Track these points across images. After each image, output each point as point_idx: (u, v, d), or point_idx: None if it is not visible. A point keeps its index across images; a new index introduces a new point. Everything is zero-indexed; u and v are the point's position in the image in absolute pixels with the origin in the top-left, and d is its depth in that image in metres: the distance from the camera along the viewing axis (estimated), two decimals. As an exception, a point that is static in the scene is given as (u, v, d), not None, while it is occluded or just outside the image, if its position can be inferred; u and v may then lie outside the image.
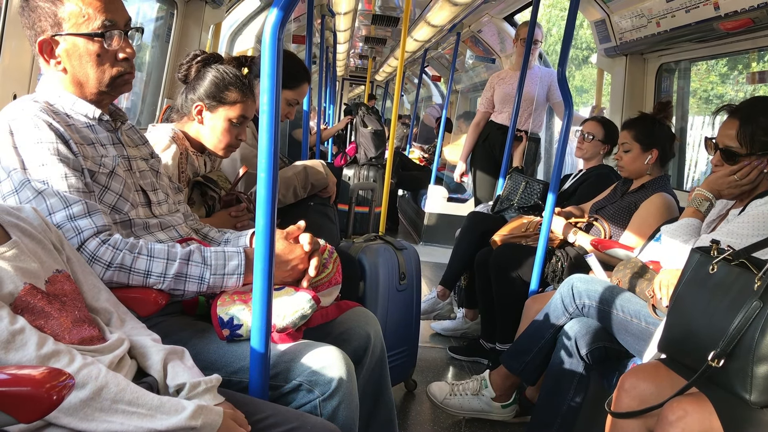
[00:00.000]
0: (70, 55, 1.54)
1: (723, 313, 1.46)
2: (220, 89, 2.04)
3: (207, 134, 2.10)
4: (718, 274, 1.53)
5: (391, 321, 2.58)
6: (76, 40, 1.52)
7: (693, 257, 1.63)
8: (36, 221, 1.28)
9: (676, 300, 1.63)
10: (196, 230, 1.84)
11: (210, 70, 2.07)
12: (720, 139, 2.08)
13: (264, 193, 1.31)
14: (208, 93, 2.05)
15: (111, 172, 1.56)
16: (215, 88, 2.04)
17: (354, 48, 10.98)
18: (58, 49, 1.53)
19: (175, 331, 1.53)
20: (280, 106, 1.37)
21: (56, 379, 0.87)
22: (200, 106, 2.06)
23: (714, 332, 1.46)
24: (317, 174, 2.50)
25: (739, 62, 4.27)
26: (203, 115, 2.07)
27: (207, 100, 2.05)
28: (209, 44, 4.20)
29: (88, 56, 1.54)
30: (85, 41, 1.53)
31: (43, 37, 1.51)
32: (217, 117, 2.07)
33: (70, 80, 1.56)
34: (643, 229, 2.62)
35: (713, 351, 1.44)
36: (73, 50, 1.53)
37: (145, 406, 1.10)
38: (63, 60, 1.54)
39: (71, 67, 1.55)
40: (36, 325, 1.11)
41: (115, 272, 1.44)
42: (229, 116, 2.07)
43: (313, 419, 1.35)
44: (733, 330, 1.42)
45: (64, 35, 1.51)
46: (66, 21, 1.50)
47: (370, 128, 5.86)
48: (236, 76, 2.06)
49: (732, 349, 1.42)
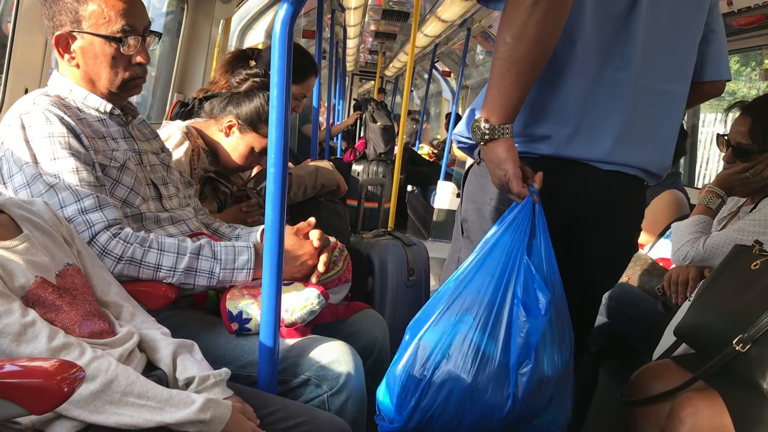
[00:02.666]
0: (85, 53, 1.54)
1: (758, 303, 1.47)
2: (261, 118, 2.06)
3: (227, 149, 2.11)
4: (760, 270, 1.54)
5: (400, 317, 2.58)
6: (93, 39, 1.53)
7: (735, 252, 1.64)
8: (47, 215, 1.29)
9: (708, 287, 1.64)
10: (207, 225, 1.85)
11: (259, 96, 2.07)
12: (732, 136, 2.07)
13: (274, 188, 1.32)
14: (248, 117, 2.06)
15: (122, 165, 1.56)
16: (256, 115, 2.06)
17: (364, 43, 10.98)
18: (74, 44, 1.53)
19: (184, 324, 1.54)
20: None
21: (67, 372, 0.88)
22: (234, 123, 2.07)
23: (744, 320, 1.47)
24: (328, 174, 2.51)
25: (752, 59, 4.24)
26: (232, 131, 2.08)
27: (243, 123, 2.07)
28: (219, 39, 4.21)
29: (103, 57, 1.55)
30: (102, 42, 1.53)
31: (60, 31, 1.52)
32: (245, 140, 2.09)
33: (81, 76, 1.57)
34: (654, 226, 2.61)
35: (740, 335, 1.44)
36: (88, 48, 1.54)
37: (155, 399, 1.10)
38: (77, 56, 1.54)
39: (84, 64, 1.55)
40: (47, 318, 1.12)
41: (126, 266, 1.45)
42: (255, 145, 2.09)
43: (321, 413, 1.36)
44: (766, 318, 1.43)
45: (82, 32, 1.52)
46: (86, 19, 1.51)
47: (379, 124, 5.86)
48: None
49: (760, 336, 1.43)
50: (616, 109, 1.48)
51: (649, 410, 1.61)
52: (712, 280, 1.65)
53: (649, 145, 1.56)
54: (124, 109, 1.66)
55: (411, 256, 2.66)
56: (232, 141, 2.10)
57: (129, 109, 1.68)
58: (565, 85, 1.46)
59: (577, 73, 1.46)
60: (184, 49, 3.80)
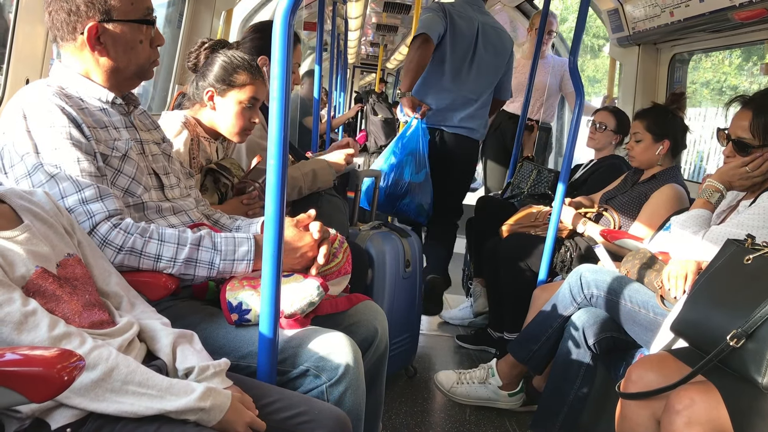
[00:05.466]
0: (116, 42, 1.54)
1: (751, 297, 1.48)
2: (229, 73, 2.05)
3: (220, 120, 2.10)
4: (753, 265, 1.55)
5: (397, 309, 2.59)
6: (124, 27, 1.53)
7: (729, 247, 1.65)
8: (48, 205, 1.30)
9: (702, 283, 1.64)
10: (208, 216, 1.85)
11: (218, 56, 2.08)
12: (733, 130, 2.07)
13: (274, 180, 1.32)
14: (218, 78, 2.05)
15: (124, 155, 1.57)
16: (224, 72, 2.05)
17: (365, 35, 10.94)
18: (103, 36, 1.52)
19: (184, 315, 1.54)
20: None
21: (67, 360, 0.89)
22: (211, 91, 2.07)
23: (738, 314, 1.48)
24: (326, 176, 2.50)
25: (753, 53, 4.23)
26: (215, 101, 2.08)
27: (217, 85, 2.06)
28: (221, 30, 4.20)
29: (134, 43, 1.55)
30: (132, 28, 1.54)
31: (91, 23, 1.50)
32: (229, 101, 2.07)
33: (107, 66, 1.56)
34: (653, 220, 2.62)
35: (734, 330, 1.45)
36: (120, 37, 1.53)
37: (155, 388, 1.11)
38: (108, 47, 1.54)
39: (115, 53, 1.55)
40: (47, 308, 1.13)
41: (126, 256, 1.45)
42: (240, 99, 2.07)
43: (320, 404, 1.36)
44: (759, 312, 1.43)
45: (114, 21, 1.52)
46: (115, 9, 1.51)
47: (380, 116, 5.86)
48: (244, 59, 2.07)
49: (754, 330, 1.44)
50: (459, 101, 3.43)
51: (646, 402, 1.62)
52: (706, 276, 1.65)
53: (471, 121, 3.48)
54: (125, 99, 1.66)
55: (407, 248, 2.66)
56: (220, 108, 2.09)
57: (131, 99, 1.69)
58: (440, 82, 3.41)
59: (445, 78, 3.40)
60: (186, 40, 3.80)
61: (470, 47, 3.37)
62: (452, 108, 3.45)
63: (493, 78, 3.53)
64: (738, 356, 1.46)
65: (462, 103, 3.46)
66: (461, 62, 3.39)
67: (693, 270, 1.92)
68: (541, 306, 2.47)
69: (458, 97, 3.44)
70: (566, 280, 2.34)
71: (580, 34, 2.71)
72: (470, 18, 3.39)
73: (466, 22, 3.38)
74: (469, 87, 3.45)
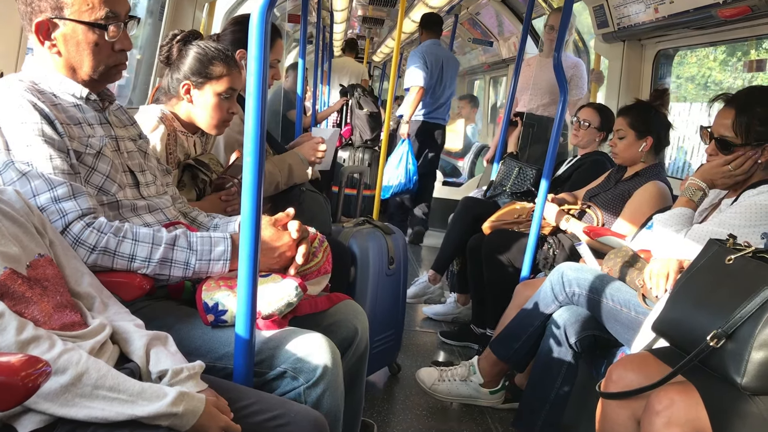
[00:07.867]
0: (67, 40, 1.50)
1: (732, 298, 1.47)
2: (205, 65, 2.01)
3: (198, 113, 2.06)
4: (734, 265, 1.55)
5: (380, 306, 2.58)
6: (75, 27, 1.49)
7: (711, 247, 1.65)
8: (18, 204, 1.26)
9: (684, 283, 1.64)
10: (185, 213, 1.83)
11: (192, 48, 2.03)
12: (715, 128, 2.07)
13: (250, 177, 1.30)
14: (193, 70, 2.01)
15: (98, 152, 1.53)
16: (199, 64, 2.01)
17: (351, 28, 10.89)
18: (55, 32, 1.49)
19: (159, 315, 1.52)
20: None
21: (33, 367, 0.86)
22: (187, 84, 2.02)
23: (718, 315, 1.47)
24: (301, 171, 2.48)
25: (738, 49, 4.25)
26: (192, 94, 2.04)
27: (193, 77, 2.02)
28: (203, 23, 4.15)
29: (86, 44, 1.51)
30: (84, 29, 1.49)
31: (41, 18, 1.47)
32: (206, 93, 2.03)
33: (63, 64, 1.53)
34: (636, 217, 2.62)
35: (714, 331, 1.45)
36: (71, 36, 1.50)
37: (126, 392, 1.09)
38: (59, 44, 1.50)
39: (66, 52, 1.52)
40: (16, 310, 1.10)
41: (100, 256, 1.42)
42: (217, 90, 2.03)
43: (296, 407, 1.34)
44: (739, 313, 1.43)
45: (64, 19, 1.48)
46: (68, 6, 1.47)
47: (365, 110, 5.81)
48: (218, 49, 2.03)
49: (734, 331, 1.43)
50: (434, 105, 5.43)
51: (626, 402, 1.62)
52: (688, 275, 1.65)
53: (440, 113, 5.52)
54: (100, 95, 1.63)
55: (391, 245, 2.65)
56: (197, 101, 2.05)
57: (106, 95, 1.65)
58: (424, 98, 5.34)
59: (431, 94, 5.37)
60: (167, 32, 3.74)
61: (439, 74, 5.31)
62: (431, 108, 5.46)
63: (450, 90, 5.54)
64: (718, 356, 1.46)
65: (436, 106, 5.49)
66: (436, 84, 5.34)
67: (675, 269, 1.91)
68: (522, 302, 2.47)
69: (434, 102, 5.46)
70: (548, 278, 2.33)
71: (564, 30, 2.70)
72: (436, 55, 5.30)
73: (435, 59, 5.26)
74: (437, 97, 5.44)
